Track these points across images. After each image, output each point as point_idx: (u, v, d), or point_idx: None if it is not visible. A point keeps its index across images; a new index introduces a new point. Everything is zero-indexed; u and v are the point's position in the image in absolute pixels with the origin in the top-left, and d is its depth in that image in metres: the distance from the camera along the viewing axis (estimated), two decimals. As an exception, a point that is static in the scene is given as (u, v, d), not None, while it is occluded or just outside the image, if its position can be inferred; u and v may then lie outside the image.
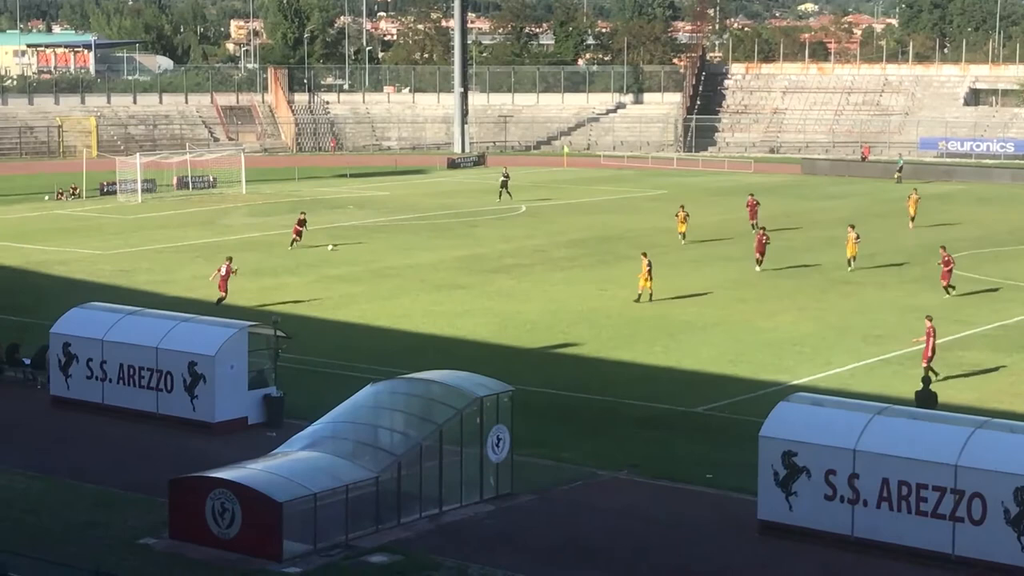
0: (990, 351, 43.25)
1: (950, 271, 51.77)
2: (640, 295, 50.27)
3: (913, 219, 71.38)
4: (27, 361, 39.48)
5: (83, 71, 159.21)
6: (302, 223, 64.25)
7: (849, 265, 55.47)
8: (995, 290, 54.07)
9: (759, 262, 57.86)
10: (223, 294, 50.09)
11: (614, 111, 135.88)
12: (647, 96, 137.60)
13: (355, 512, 26.77)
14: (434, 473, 28.29)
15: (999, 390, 38.63)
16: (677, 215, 67.18)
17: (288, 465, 27.27)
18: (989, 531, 24.84)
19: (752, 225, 67.10)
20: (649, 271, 50.27)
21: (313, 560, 25.55)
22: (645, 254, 51.24)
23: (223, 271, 50.54)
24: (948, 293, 51.23)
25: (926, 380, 34.31)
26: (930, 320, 39.80)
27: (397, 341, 45.28)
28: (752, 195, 70.41)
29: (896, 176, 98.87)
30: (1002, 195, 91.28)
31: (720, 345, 44.10)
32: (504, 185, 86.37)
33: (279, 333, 36.39)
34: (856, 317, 48.28)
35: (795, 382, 39.02)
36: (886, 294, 51.99)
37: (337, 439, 28.55)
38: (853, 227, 56.94)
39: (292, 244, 63.59)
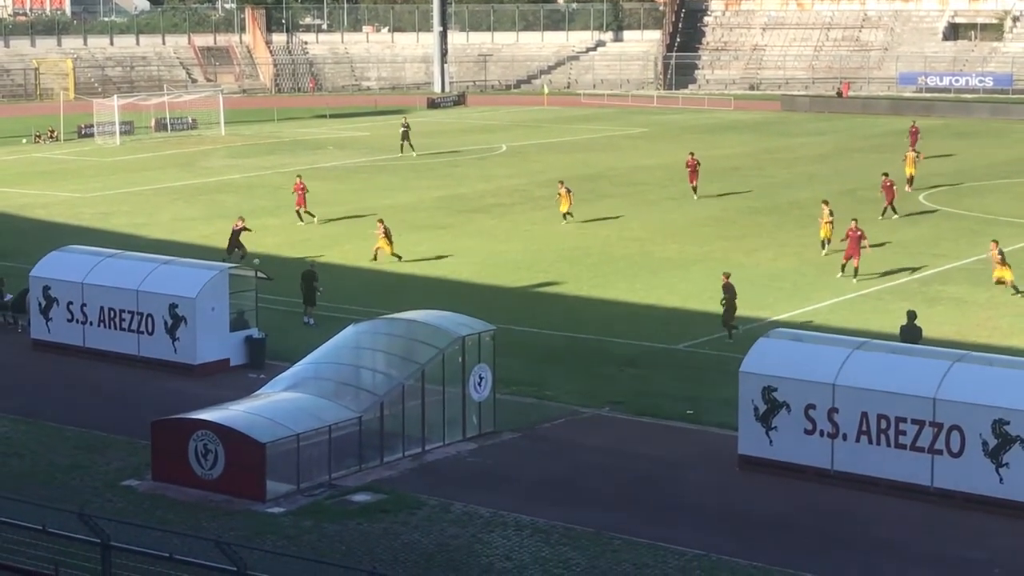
0: (969, 285, 43.44)
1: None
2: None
3: (911, 180, 61.93)
4: (8, 297, 39.41)
5: (59, 13, 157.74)
6: (238, 232, 48.84)
7: (823, 248, 47.60)
8: (974, 224, 54.26)
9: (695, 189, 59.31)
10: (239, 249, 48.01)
11: (594, 49, 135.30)
12: (627, 34, 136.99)
13: (338, 452, 26.89)
14: (416, 412, 28.40)
15: (978, 323, 38.85)
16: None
17: (271, 406, 27.35)
18: (967, 463, 25.07)
19: (693, 188, 60.40)
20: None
21: (297, 500, 25.68)
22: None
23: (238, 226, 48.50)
24: (884, 215, 51.56)
25: (911, 313, 34.35)
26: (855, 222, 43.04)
27: (378, 281, 45.28)
28: (692, 153, 62.33)
29: None
30: (981, 130, 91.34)
31: (701, 282, 44.20)
32: (405, 136, 79.18)
33: (260, 274, 36.40)
34: (835, 253, 48.34)
35: (775, 318, 39.17)
36: (864, 229, 51.94)
37: (320, 380, 28.63)
38: (827, 203, 48.75)
39: (231, 252, 47.99)
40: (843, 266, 44.54)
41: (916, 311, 34.94)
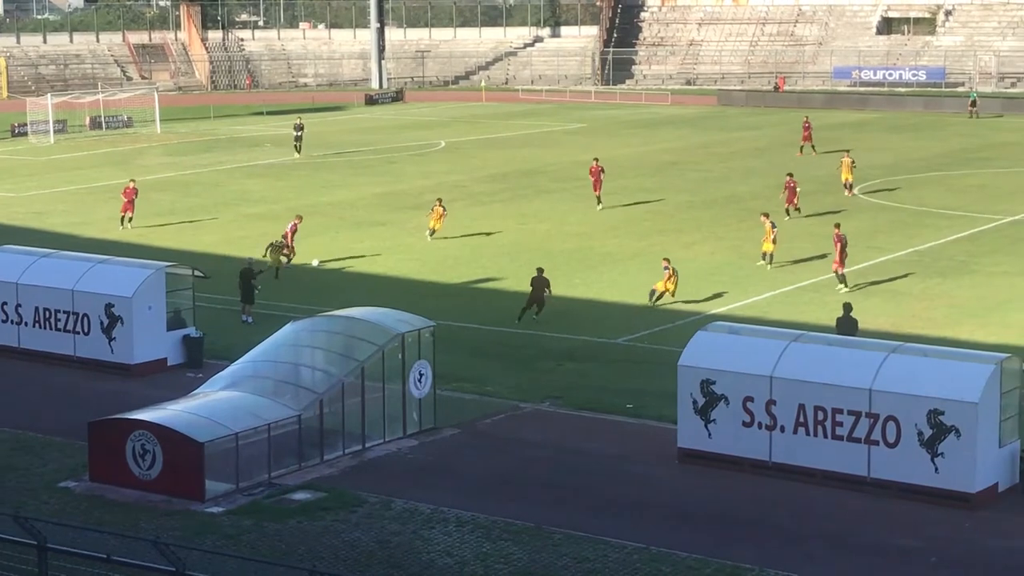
0: (904, 276, 43.86)
1: (795, 198, 53.16)
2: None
3: (850, 186, 59.85)
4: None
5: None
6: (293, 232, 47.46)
7: (765, 259, 45.14)
8: (908, 217, 54.80)
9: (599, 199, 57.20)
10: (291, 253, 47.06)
11: (532, 45, 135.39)
12: (564, 30, 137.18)
13: (278, 450, 26.79)
14: (356, 410, 28.34)
15: (913, 315, 39.25)
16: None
17: (209, 405, 27.20)
18: (903, 453, 25.33)
19: (597, 198, 57.27)
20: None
21: (236, 499, 25.56)
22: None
23: (289, 228, 47.29)
24: (789, 215, 52.42)
25: (847, 305, 34.74)
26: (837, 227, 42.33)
27: (317, 279, 45.12)
28: (596, 160, 59.17)
29: (970, 111, 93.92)
30: (914, 123, 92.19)
31: (639, 276, 44.36)
32: (298, 138, 76.62)
33: (197, 273, 36.20)
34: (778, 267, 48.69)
35: (713, 311, 39.38)
36: (801, 222, 52.38)
37: (258, 378, 28.51)
38: (768, 216, 46.70)
39: (123, 221, 53.42)
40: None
41: (852, 303, 35.29)
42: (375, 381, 28.68)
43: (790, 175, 53.97)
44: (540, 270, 40.03)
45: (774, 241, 44.88)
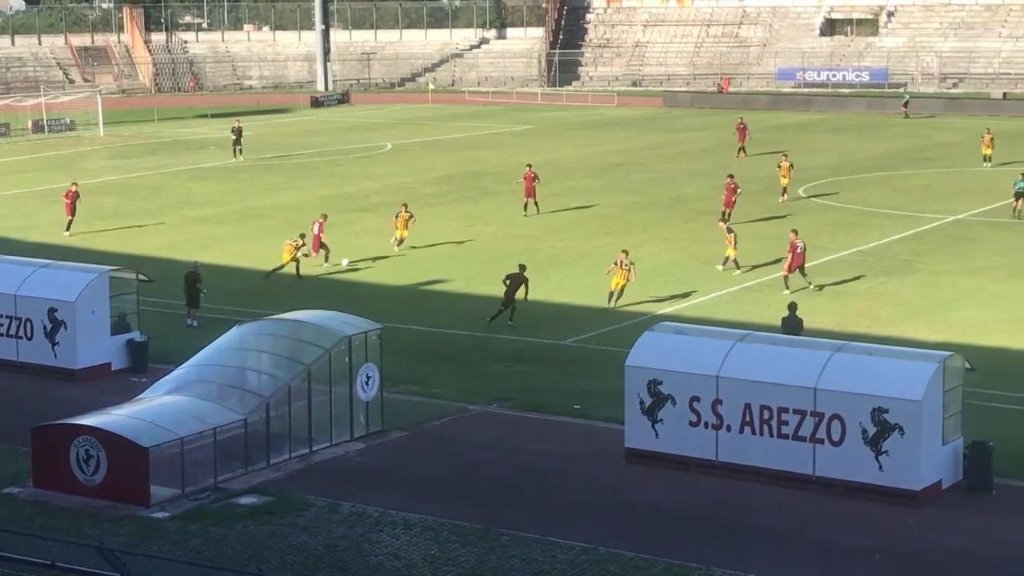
0: (849, 276, 44.16)
1: (734, 202, 52.46)
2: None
3: (785, 191, 59.00)
4: None
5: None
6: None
7: (728, 264, 44.95)
8: (852, 217, 55.19)
9: (526, 206, 56.16)
10: (315, 254, 46.89)
11: (478, 47, 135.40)
12: (510, 31, 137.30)
13: (224, 455, 26.63)
14: (303, 413, 28.23)
15: (858, 314, 39.53)
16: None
17: (154, 410, 27.00)
18: (848, 451, 25.49)
19: (528, 204, 56.22)
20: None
21: (182, 504, 25.39)
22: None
23: (315, 230, 46.95)
24: (725, 219, 51.56)
25: (792, 305, 34.95)
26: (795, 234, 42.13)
27: (263, 282, 44.91)
28: (530, 165, 57.62)
29: (903, 111, 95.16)
30: (858, 123, 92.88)
31: (587, 277, 44.45)
32: (237, 141, 76.12)
33: (141, 277, 35.95)
34: (718, 247, 48.82)
35: (660, 312, 39.51)
36: (747, 224, 52.59)
37: (203, 382, 28.33)
38: (726, 221, 47.70)
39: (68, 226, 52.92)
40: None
41: (797, 303, 35.50)
42: (322, 384, 28.57)
43: (731, 176, 53.88)
44: (521, 267, 39.69)
45: (735, 245, 44.79)
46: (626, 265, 40.22)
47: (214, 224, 55.64)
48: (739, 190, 52.54)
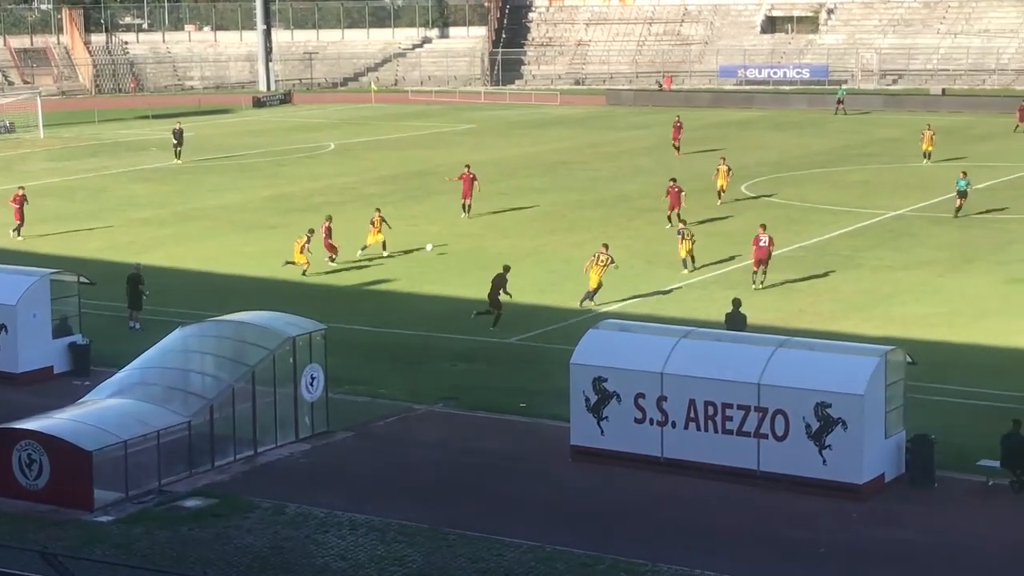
0: (790, 272, 44.41)
1: (679, 203, 51.56)
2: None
3: (721, 193, 57.30)
4: None
5: None
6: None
7: (685, 267, 44.63)
8: (793, 213, 55.55)
9: (465, 207, 55.55)
10: (333, 254, 46.61)
11: (420, 46, 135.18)
12: (453, 30, 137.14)
13: (168, 457, 26.49)
14: (247, 415, 28.13)
15: (800, 309, 39.79)
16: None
17: (96, 413, 26.81)
18: (792, 446, 25.68)
19: (466, 204, 55.51)
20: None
21: (126, 508, 25.23)
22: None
23: (323, 233, 46.57)
24: (670, 222, 51.26)
25: (735, 301, 35.14)
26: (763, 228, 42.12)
27: (206, 283, 44.68)
28: (468, 166, 56.74)
29: (837, 108, 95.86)
30: (799, 120, 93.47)
31: (531, 276, 44.51)
32: (178, 142, 74.83)
33: (83, 279, 35.67)
34: (662, 244, 49.09)
35: (604, 309, 39.60)
36: (690, 220, 52.73)
37: (146, 385, 28.16)
38: (685, 222, 47.18)
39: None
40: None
41: (740, 299, 35.69)
42: (266, 385, 28.46)
43: (673, 180, 53.17)
44: (505, 268, 39.48)
45: (692, 241, 44.80)
46: (602, 261, 40.18)
47: (156, 226, 55.28)
48: (683, 192, 52.24)
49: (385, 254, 47.82)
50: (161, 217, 57.16)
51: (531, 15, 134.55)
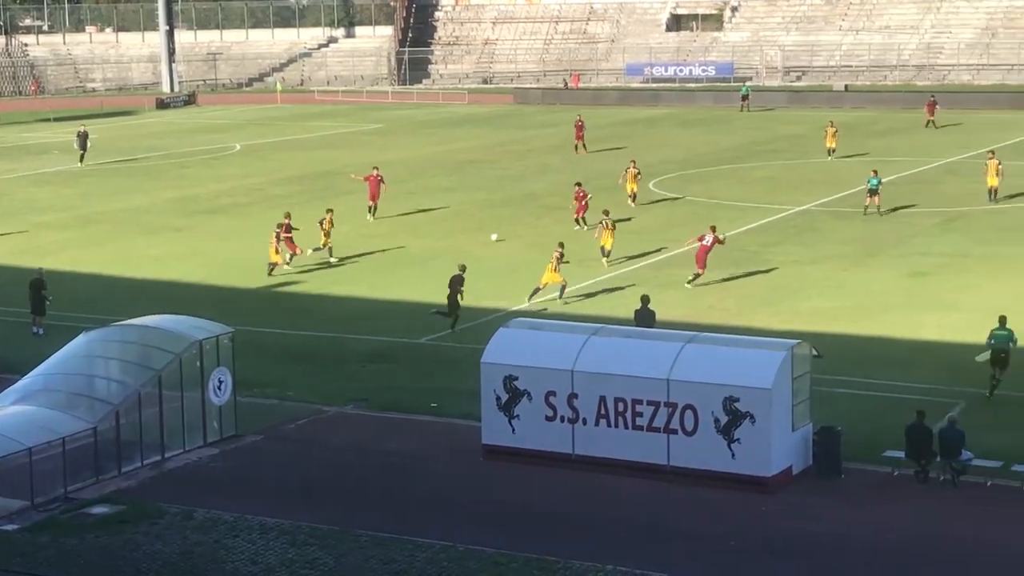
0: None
1: (585, 206, 51.13)
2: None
3: (634, 198, 56.51)
4: None
5: None
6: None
7: (605, 255, 45.23)
8: (699, 208, 55.97)
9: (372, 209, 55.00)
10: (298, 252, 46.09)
11: (326, 45, 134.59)
12: (359, 30, 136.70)
13: (73, 464, 26.10)
14: (155, 420, 27.80)
15: (708, 305, 40.08)
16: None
17: (0, 420, 26.35)
18: (701, 441, 25.84)
19: (372, 207, 54.96)
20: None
21: (31, 516, 24.82)
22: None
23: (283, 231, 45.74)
24: (579, 224, 51.03)
25: (644, 298, 35.32)
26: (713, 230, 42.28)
27: (111, 287, 44.13)
28: (376, 168, 56.42)
29: (742, 105, 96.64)
30: (705, 117, 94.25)
31: (442, 276, 44.30)
32: (82, 145, 73.89)
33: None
34: (571, 242, 49.16)
35: (514, 308, 39.64)
36: (598, 218, 52.93)
37: (51, 391, 27.75)
38: (608, 212, 46.74)
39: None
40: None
41: (649, 295, 35.87)
42: (173, 390, 28.14)
43: (578, 185, 52.73)
44: (462, 268, 38.96)
45: (613, 232, 45.30)
46: (555, 264, 40.38)
47: (58, 229, 54.49)
48: (589, 196, 51.95)
49: (308, 253, 47.12)
50: (64, 221, 56.37)
51: (437, 14, 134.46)
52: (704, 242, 42.07)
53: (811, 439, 26.63)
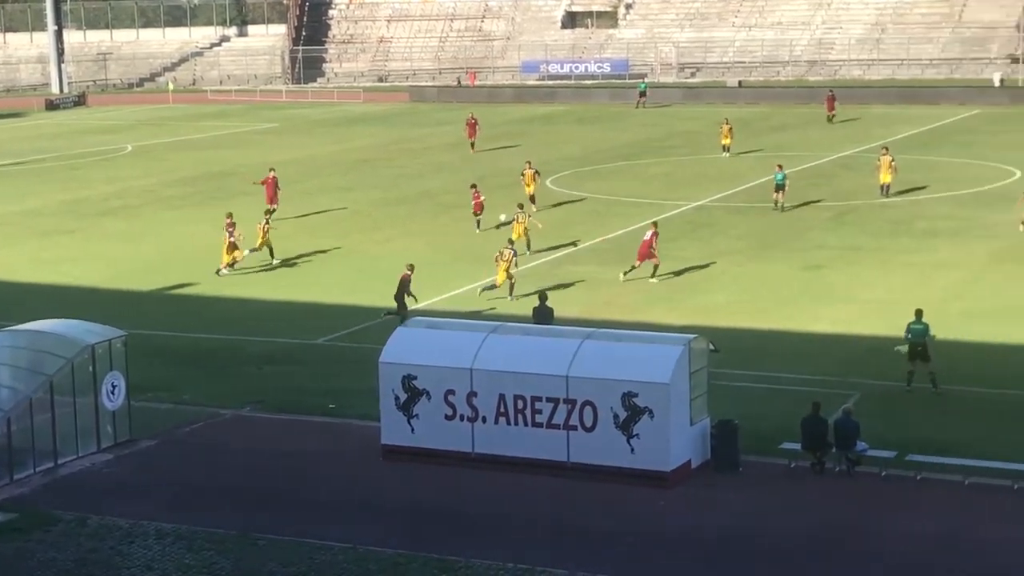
0: (595, 264, 44.90)
1: (481, 207, 50.73)
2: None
3: (533, 199, 54.64)
4: None
5: None
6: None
7: (527, 249, 45.81)
8: (586, 206, 56.17)
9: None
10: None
11: (218, 45, 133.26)
12: (252, 28, 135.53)
13: (-37, 473, 25.56)
14: (47, 426, 27.30)
15: (605, 301, 40.23)
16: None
17: None
18: (600, 437, 25.89)
19: (267, 210, 52.06)
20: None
21: (-80, 527, 24.29)
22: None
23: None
24: (479, 227, 50.85)
25: (542, 295, 35.35)
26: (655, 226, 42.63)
27: (1, 292, 43.27)
28: (272, 169, 55.78)
29: (638, 102, 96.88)
30: (601, 114, 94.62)
31: (337, 275, 44.18)
32: None
33: None
34: (468, 240, 49.24)
35: (412, 307, 39.43)
36: (495, 216, 52.94)
37: (-62, 399, 27.13)
38: (522, 206, 48.12)
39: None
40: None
41: (547, 293, 35.92)
42: (65, 395, 27.66)
43: (474, 186, 52.34)
44: (410, 267, 38.20)
45: (525, 226, 45.64)
46: (506, 257, 40.19)
47: (-54, 234, 53.39)
48: (483, 198, 51.70)
49: (245, 253, 46.23)
50: (-49, 225, 55.24)
51: (331, 12, 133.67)
52: (645, 237, 42.37)
53: (709, 433, 26.80)
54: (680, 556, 23.00)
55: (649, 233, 42.55)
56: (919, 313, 31.68)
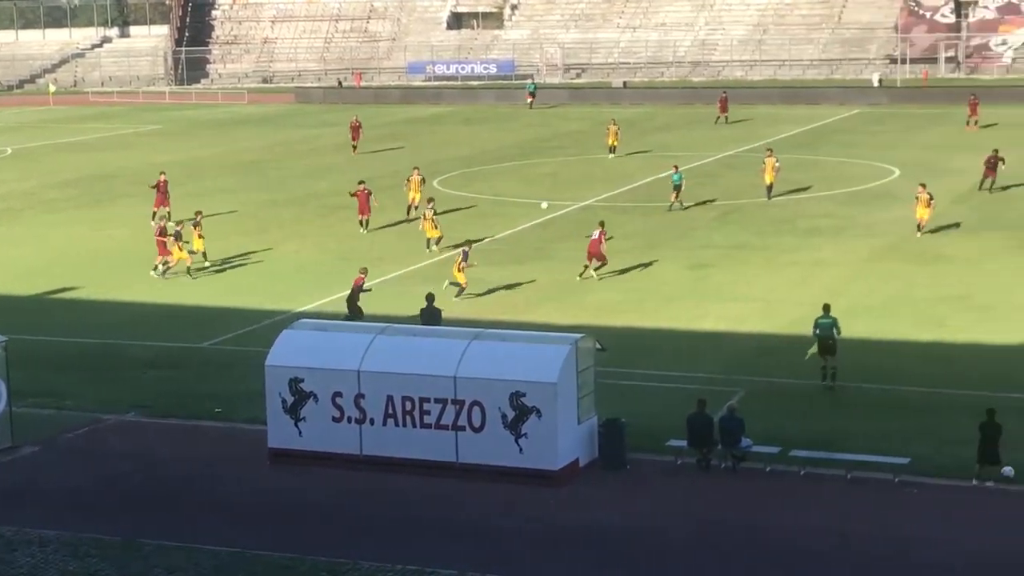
0: (484, 265, 44.77)
1: (368, 207, 50.64)
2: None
3: (415, 207, 52.94)
4: None
5: None
6: None
7: (437, 245, 46.60)
8: (474, 206, 56.25)
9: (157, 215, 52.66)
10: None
11: (100, 46, 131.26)
12: (134, 29, 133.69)
13: None
14: (-76, 434, 26.75)
15: (494, 301, 40.32)
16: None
17: None
18: (489, 437, 25.97)
19: (154, 214, 52.39)
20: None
21: None
22: None
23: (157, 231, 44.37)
24: (364, 227, 50.83)
25: (430, 296, 35.34)
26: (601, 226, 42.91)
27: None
28: (163, 173, 54.94)
29: (529, 102, 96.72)
30: (488, 115, 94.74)
31: (222, 278, 43.77)
32: None
33: None
34: (355, 241, 49.07)
35: (299, 309, 39.25)
36: (383, 216, 52.82)
37: None
38: (431, 200, 48.40)
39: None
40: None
41: (434, 294, 35.91)
42: (-57, 403, 27.13)
43: (362, 182, 51.89)
44: (363, 270, 37.98)
45: (435, 223, 46.51)
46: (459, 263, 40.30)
47: None
48: (372, 196, 51.41)
49: (207, 264, 45.53)
50: None
51: (215, 13, 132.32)
52: (593, 236, 42.44)
53: (597, 431, 26.98)
54: (569, 555, 23.14)
55: (597, 232, 42.80)
56: (827, 308, 32.14)
